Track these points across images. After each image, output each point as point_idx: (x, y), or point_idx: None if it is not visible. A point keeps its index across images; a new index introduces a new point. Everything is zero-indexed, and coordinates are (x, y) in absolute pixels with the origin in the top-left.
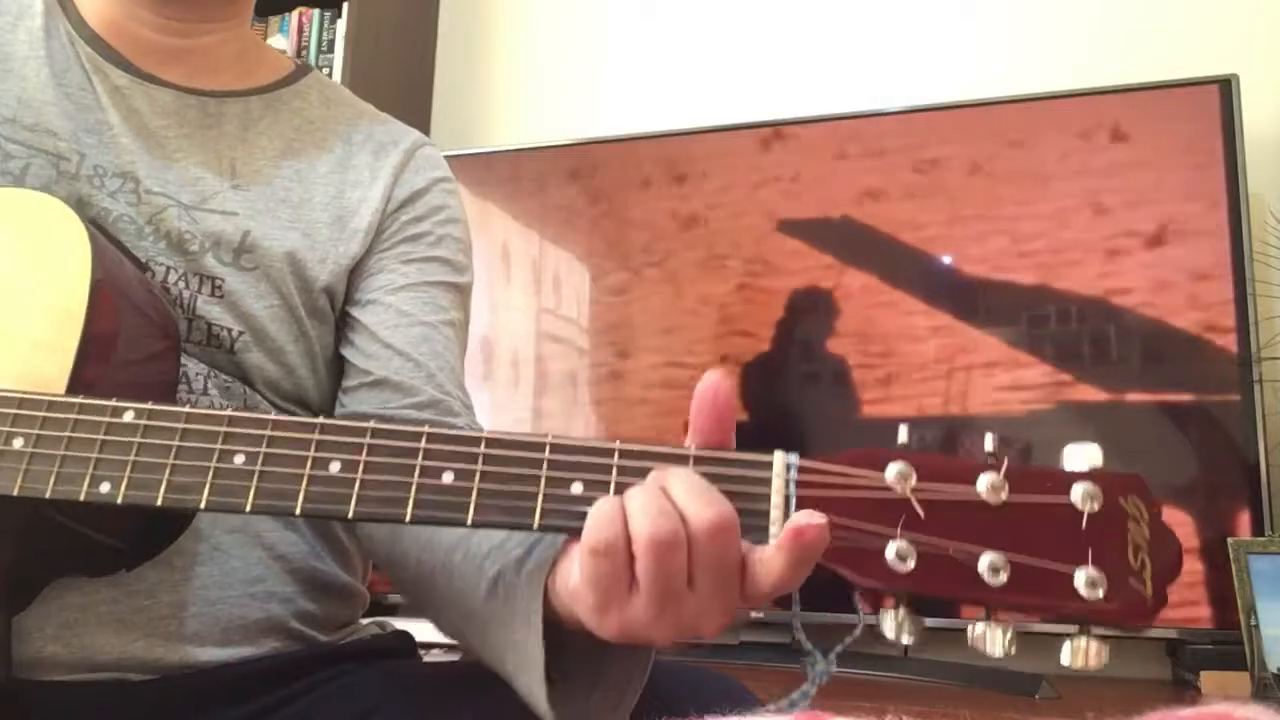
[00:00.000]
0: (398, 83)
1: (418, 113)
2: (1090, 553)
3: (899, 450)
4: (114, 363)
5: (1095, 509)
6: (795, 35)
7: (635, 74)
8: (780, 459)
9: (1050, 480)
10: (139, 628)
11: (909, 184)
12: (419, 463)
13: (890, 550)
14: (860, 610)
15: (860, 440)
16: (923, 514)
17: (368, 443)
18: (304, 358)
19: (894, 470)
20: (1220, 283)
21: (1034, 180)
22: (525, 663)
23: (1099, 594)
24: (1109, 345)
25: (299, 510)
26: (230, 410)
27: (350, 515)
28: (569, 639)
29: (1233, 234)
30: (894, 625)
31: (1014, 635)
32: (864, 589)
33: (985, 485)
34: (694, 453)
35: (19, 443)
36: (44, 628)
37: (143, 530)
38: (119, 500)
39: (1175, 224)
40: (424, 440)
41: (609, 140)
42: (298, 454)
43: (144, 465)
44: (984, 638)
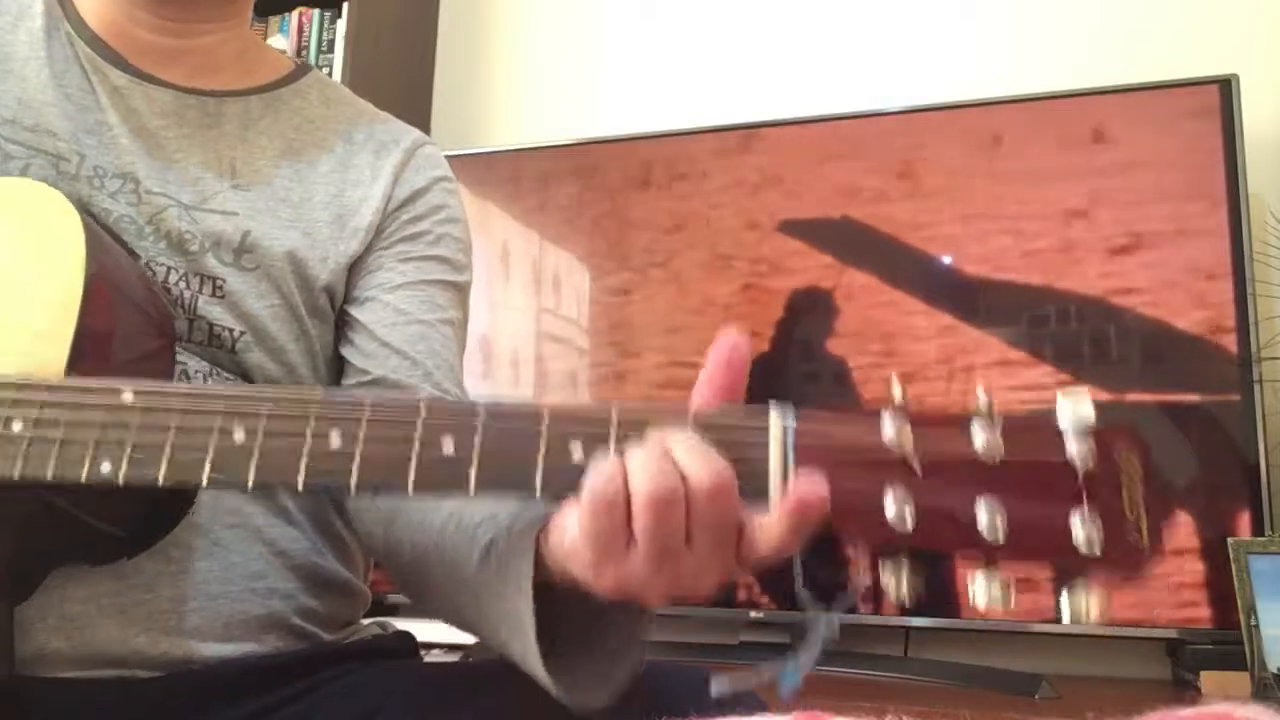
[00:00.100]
0: (398, 83)
1: (418, 113)
2: (1087, 505)
3: (895, 408)
4: (108, 359)
5: (1090, 464)
6: (795, 36)
7: (635, 74)
8: (777, 421)
9: (1045, 438)
10: (141, 621)
11: (909, 184)
12: (419, 432)
13: (889, 507)
14: (859, 570)
15: None
16: (920, 472)
17: (367, 415)
18: (305, 357)
19: (891, 428)
20: (1220, 283)
21: (1034, 180)
22: (518, 629)
23: (1097, 545)
24: (1109, 345)
25: (301, 484)
26: (228, 388)
27: (353, 486)
28: (563, 604)
29: (1233, 234)
30: (895, 583)
31: (1013, 588)
32: (863, 547)
33: (981, 444)
34: (691, 411)
35: (18, 426)
36: (46, 621)
37: (143, 518)
38: (120, 480)
39: (1175, 224)
40: (423, 409)
41: (609, 140)
42: (297, 428)
43: (144, 445)
44: (983, 590)
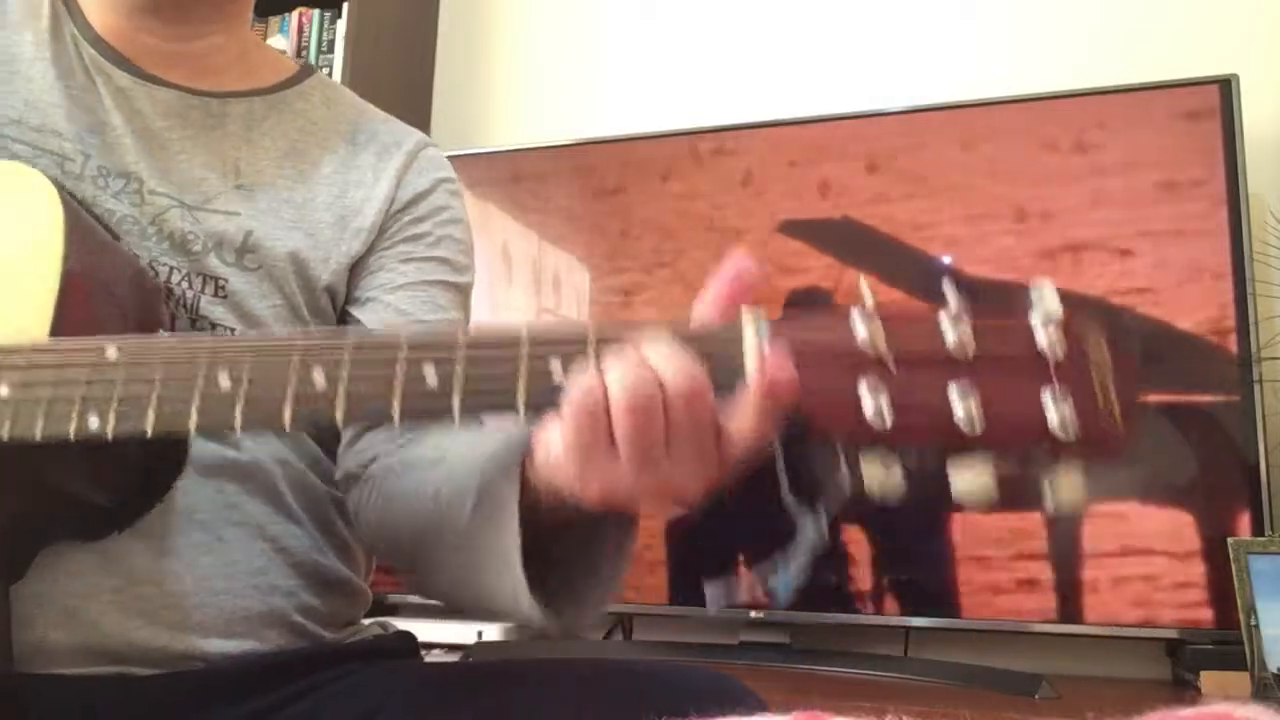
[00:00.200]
0: (398, 83)
1: (418, 113)
2: (1059, 390)
3: (867, 308)
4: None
5: (1060, 355)
6: (795, 36)
7: (635, 74)
8: (750, 322)
9: (1016, 330)
10: (142, 614)
11: (910, 184)
12: (401, 364)
13: (866, 403)
14: (844, 466)
15: None
16: (894, 368)
17: (349, 353)
18: None
19: (863, 327)
20: (1220, 283)
21: (1034, 180)
22: (507, 562)
23: (1071, 429)
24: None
25: (288, 423)
26: (211, 339)
27: (340, 419)
28: (551, 533)
29: (1233, 234)
30: (879, 480)
31: (996, 476)
32: (844, 444)
33: (953, 340)
34: (668, 325)
35: (4, 389)
36: (46, 613)
37: (133, 488)
38: (109, 434)
39: (1175, 224)
40: (404, 342)
41: (609, 140)
42: (282, 369)
43: (130, 397)
44: (967, 479)
